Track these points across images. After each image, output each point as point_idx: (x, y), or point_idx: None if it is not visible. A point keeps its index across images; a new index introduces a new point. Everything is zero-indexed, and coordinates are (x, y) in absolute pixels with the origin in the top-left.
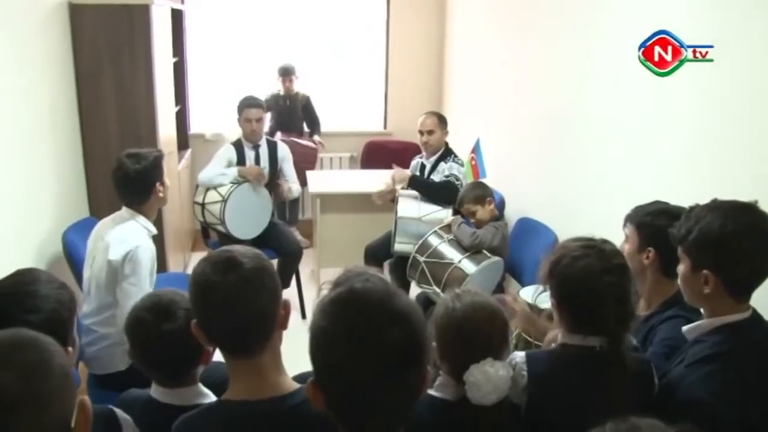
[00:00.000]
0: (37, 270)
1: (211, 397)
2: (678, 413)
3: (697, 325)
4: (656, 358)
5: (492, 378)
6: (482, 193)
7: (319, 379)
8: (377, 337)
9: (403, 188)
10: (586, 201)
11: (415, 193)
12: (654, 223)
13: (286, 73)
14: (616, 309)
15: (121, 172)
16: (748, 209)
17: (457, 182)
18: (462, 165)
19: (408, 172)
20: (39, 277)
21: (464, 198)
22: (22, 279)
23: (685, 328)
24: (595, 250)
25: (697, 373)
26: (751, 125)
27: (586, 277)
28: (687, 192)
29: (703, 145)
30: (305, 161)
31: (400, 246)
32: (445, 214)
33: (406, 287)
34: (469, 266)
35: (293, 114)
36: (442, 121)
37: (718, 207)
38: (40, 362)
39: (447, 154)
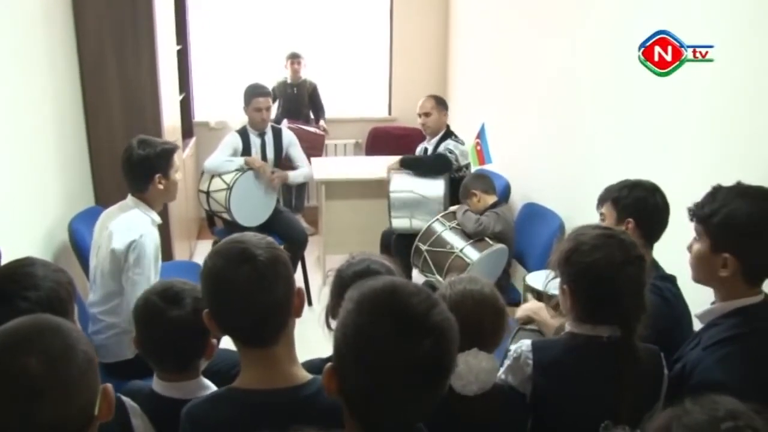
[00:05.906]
0: (33, 257)
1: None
2: (696, 396)
3: (710, 309)
4: None
5: (473, 369)
6: (467, 187)
7: (340, 370)
8: (412, 348)
9: (396, 170)
10: (591, 186)
11: (409, 172)
12: (630, 195)
13: (294, 57)
14: (634, 301)
15: (126, 155)
16: None
17: (450, 155)
18: (462, 144)
19: (397, 158)
20: (35, 261)
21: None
22: (19, 263)
23: (698, 312)
24: (614, 239)
25: (714, 356)
26: (752, 124)
27: (607, 268)
28: (689, 185)
29: (703, 138)
30: (313, 148)
31: (397, 221)
32: (440, 183)
33: (409, 270)
34: (472, 254)
35: (300, 101)
36: (439, 102)
37: (745, 192)
38: (64, 348)
39: (447, 135)
